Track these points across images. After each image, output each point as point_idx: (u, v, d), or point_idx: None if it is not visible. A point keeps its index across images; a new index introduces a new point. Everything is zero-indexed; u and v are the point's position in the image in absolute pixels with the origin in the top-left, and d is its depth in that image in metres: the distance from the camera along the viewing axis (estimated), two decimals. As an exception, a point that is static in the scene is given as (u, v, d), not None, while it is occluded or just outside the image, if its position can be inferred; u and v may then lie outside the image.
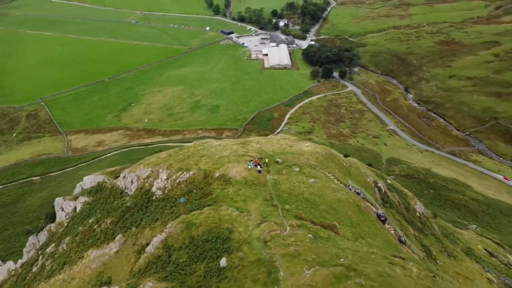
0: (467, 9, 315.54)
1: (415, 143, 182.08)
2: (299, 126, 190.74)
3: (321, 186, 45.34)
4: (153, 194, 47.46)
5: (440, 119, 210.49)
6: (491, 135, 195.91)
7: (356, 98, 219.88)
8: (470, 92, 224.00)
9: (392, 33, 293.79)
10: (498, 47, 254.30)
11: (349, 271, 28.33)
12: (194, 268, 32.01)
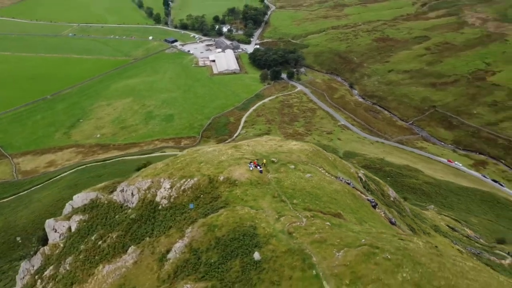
0: (397, 7, 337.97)
1: (366, 136, 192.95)
2: (256, 128, 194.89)
3: (318, 180, 49.13)
4: (158, 204, 48.54)
5: (385, 111, 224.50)
6: (431, 122, 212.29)
7: (306, 98, 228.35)
8: (409, 84, 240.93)
9: (331, 33, 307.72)
10: (428, 41, 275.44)
11: (373, 248, 32.09)
12: (230, 265, 34.20)
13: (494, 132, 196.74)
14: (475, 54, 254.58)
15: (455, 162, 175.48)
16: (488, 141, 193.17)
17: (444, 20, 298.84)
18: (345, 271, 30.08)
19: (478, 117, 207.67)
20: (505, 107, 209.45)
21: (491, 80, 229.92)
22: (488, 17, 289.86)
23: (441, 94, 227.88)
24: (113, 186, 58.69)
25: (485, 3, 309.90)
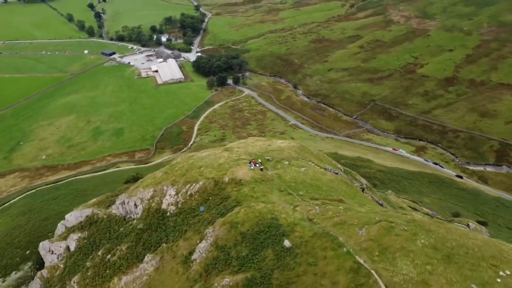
0: (328, 9, 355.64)
1: (317, 133, 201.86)
2: (211, 135, 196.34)
3: (313, 173, 53.10)
4: (165, 211, 49.60)
5: (329, 108, 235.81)
6: (373, 115, 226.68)
7: (254, 101, 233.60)
8: (348, 81, 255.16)
9: (270, 37, 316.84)
10: (361, 40, 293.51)
11: (389, 223, 36.49)
12: (263, 255, 36.81)
13: (429, 120, 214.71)
14: (404, 49, 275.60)
15: (399, 150, 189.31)
16: (424, 128, 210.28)
17: (372, 20, 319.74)
18: (372, 244, 34.09)
19: (414, 106, 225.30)
20: (436, 96, 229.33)
21: (421, 72, 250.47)
22: (410, 15, 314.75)
23: (379, 88, 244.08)
24: (109, 201, 58.41)
25: (406, 2, 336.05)
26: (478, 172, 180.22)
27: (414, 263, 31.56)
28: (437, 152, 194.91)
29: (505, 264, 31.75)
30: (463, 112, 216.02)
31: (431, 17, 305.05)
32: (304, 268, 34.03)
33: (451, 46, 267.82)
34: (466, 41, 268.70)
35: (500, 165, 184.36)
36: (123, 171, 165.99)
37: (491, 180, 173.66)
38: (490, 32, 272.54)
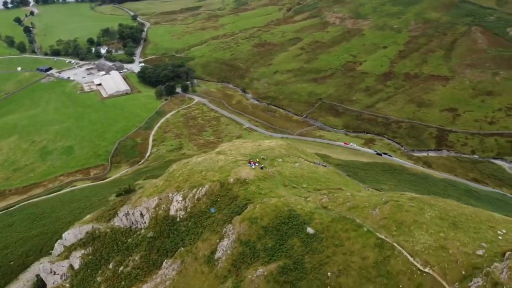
0: (266, 14, 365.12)
1: (271, 134, 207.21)
2: (167, 145, 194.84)
3: (307, 167, 56.95)
4: (174, 217, 50.70)
5: (280, 109, 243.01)
6: (321, 113, 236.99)
7: (206, 108, 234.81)
8: (294, 82, 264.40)
9: (213, 43, 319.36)
10: (301, 42, 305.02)
11: (396, 202, 41.08)
12: (290, 243, 39.73)
13: (373, 113, 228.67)
14: (342, 49, 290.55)
15: (350, 143, 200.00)
16: (370, 121, 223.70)
17: (310, 22, 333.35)
18: (388, 222, 38.39)
19: (358, 102, 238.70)
20: (376, 91, 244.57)
21: (360, 69, 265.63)
22: (345, 16, 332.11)
23: (323, 87, 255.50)
24: (108, 215, 58.05)
25: (339, 4, 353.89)
26: (423, 158, 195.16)
27: (428, 232, 36.25)
28: (384, 142, 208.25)
29: (499, 224, 37.45)
30: (403, 104, 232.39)
31: (364, 17, 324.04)
32: (332, 249, 37.50)
33: (384, 43, 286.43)
34: (397, 38, 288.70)
35: (440, 149, 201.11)
36: (81, 189, 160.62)
37: (434, 164, 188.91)
38: (417, 28, 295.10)
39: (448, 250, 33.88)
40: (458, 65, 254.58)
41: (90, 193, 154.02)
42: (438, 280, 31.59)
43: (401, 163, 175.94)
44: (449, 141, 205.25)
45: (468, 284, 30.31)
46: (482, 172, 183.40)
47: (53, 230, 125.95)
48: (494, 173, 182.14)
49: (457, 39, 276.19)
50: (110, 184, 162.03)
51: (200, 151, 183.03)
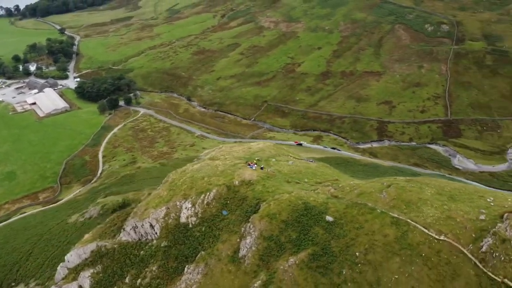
0: (201, 21, 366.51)
1: (224, 139, 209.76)
2: (119, 160, 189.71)
3: (299, 164, 61.06)
4: (186, 224, 51.97)
5: (228, 115, 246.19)
6: (268, 115, 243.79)
7: (154, 119, 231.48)
8: (238, 87, 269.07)
9: (151, 53, 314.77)
10: (240, 47, 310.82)
11: (399, 184, 46.41)
12: (313, 232, 43.26)
13: (317, 111, 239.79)
14: (280, 51, 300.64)
15: (300, 142, 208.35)
16: (315, 119, 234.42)
17: (246, 27, 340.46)
18: (396, 202, 43.49)
19: (301, 102, 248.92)
20: (317, 89, 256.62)
21: (299, 70, 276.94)
22: (278, 20, 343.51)
23: (267, 90, 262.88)
24: (111, 231, 57.60)
25: (271, 9, 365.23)
26: (368, 149, 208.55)
27: (433, 207, 41.81)
28: (331, 138, 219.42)
29: (485, 194, 44.15)
30: (343, 100, 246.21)
31: (296, 20, 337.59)
32: (354, 232, 41.73)
33: (319, 44, 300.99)
34: (330, 39, 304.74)
35: (382, 140, 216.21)
36: (33, 215, 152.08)
37: (379, 154, 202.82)
38: (347, 29, 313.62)
39: (455, 219, 39.57)
40: (387, 61, 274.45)
41: (44, 218, 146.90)
42: (454, 245, 37.02)
43: (350, 156, 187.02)
44: (389, 132, 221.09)
45: (481, 244, 35.99)
46: (421, 157, 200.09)
47: (12, 261, 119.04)
48: (432, 157, 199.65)
49: (384, 37, 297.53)
50: (65, 206, 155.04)
51: (155, 162, 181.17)
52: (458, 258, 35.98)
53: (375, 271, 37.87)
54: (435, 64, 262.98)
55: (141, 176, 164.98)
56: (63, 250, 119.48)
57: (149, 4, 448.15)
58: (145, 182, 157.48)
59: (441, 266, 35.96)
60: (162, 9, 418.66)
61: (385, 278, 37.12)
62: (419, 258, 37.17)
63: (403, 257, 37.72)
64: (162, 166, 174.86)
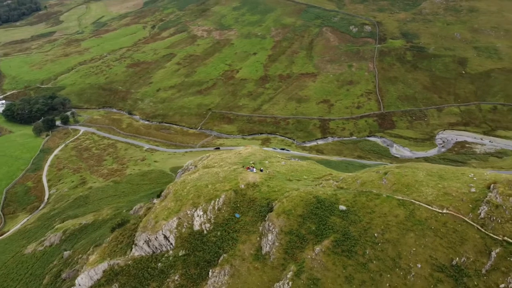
0: (131, 33, 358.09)
1: (175, 151, 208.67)
2: (67, 182, 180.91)
3: (292, 163, 65.35)
4: (200, 231, 53.60)
5: (173, 125, 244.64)
6: (214, 122, 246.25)
7: (97, 136, 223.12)
8: (180, 97, 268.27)
9: (82, 69, 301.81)
10: (176, 57, 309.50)
11: (394, 171, 52.54)
12: (331, 222, 47.56)
13: (262, 115, 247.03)
14: (217, 59, 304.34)
15: (251, 146, 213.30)
16: (261, 123, 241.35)
17: (179, 37, 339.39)
18: (398, 186, 49.47)
19: (245, 107, 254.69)
20: (258, 94, 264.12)
21: (239, 76, 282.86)
22: (210, 28, 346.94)
23: (210, 98, 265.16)
24: (119, 249, 57.24)
25: (202, 17, 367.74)
26: (314, 147, 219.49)
27: (430, 186, 48.35)
28: (278, 139, 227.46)
29: (465, 172, 51.81)
30: (284, 103, 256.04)
31: (228, 28, 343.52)
32: (368, 216, 46.83)
33: (254, 50, 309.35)
34: (264, 44, 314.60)
35: (325, 137, 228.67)
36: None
37: (325, 150, 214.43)
38: (278, 34, 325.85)
39: (451, 194, 46.31)
40: (320, 62, 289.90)
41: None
42: (457, 215, 43.54)
43: (301, 155, 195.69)
44: (331, 129, 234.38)
45: (478, 212, 42.83)
46: (363, 149, 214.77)
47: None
48: (372, 148, 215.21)
49: (314, 40, 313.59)
50: (16, 237, 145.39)
51: (107, 181, 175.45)
52: (463, 226, 42.51)
53: (395, 247, 43.23)
54: (363, 63, 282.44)
55: (96, 196, 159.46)
56: (26, 283, 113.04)
57: (72, 18, 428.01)
58: (102, 201, 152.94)
59: (449, 235, 42.24)
60: (87, 22, 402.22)
61: (405, 251, 42.61)
62: (429, 230, 43.18)
63: (416, 232, 43.51)
64: (116, 184, 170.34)
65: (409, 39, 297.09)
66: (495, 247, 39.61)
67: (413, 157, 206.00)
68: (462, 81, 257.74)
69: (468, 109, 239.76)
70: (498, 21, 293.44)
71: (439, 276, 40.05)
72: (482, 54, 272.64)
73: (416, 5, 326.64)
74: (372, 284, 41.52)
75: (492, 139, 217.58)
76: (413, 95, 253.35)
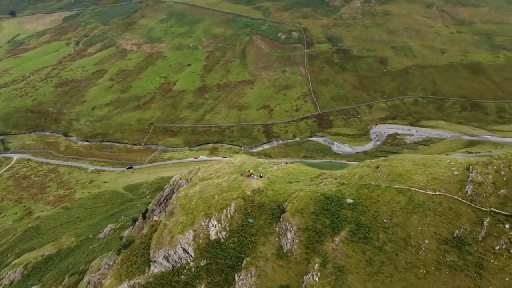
0: (54, 51, 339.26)
1: (123, 169, 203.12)
2: (10, 214, 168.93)
3: (284, 167, 70.17)
4: (217, 239, 56.06)
5: (115, 143, 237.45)
6: (158, 136, 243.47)
7: (34, 162, 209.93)
8: (118, 113, 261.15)
9: (4, 92, 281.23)
10: (107, 73, 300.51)
11: (384, 163, 59.66)
12: (343, 214, 52.94)
13: (205, 125, 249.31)
14: (151, 73, 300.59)
15: (200, 156, 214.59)
16: (206, 133, 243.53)
17: (107, 52, 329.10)
18: (392, 177, 56.51)
19: (188, 118, 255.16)
20: (199, 105, 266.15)
21: (177, 88, 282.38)
22: (139, 42, 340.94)
23: (150, 112, 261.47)
24: (135, 268, 57.47)
25: (129, 31, 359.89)
26: (261, 152, 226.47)
27: (419, 174, 56.04)
28: (226, 148, 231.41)
29: (442, 158, 60.57)
30: (226, 111, 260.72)
31: (158, 40, 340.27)
32: (374, 206, 53.07)
33: (188, 61, 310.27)
34: (197, 55, 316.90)
35: (271, 141, 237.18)
36: None
37: (273, 154, 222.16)
38: (210, 44, 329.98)
39: (439, 178, 54.31)
40: (254, 69, 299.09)
41: None
42: (448, 196, 51.40)
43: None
44: (275, 132, 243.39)
45: (465, 190, 51.08)
46: (307, 149, 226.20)
47: None
48: (316, 147, 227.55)
49: (245, 48, 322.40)
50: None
51: (56, 208, 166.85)
52: (455, 204, 50.42)
53: (403, 229, 49.90)
54: (295, 67, 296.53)
55: (48, 225, 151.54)
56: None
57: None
58: (57, 230, 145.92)
59: (446, 212, 49.88)
60: (1, 41, 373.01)
61: (412, 231, 49.46)
62: (429, 211, 50.51)
63: (418, 214, 50.58)
64: (68, 210, 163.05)
65: (334, 42, 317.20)
66: (486, 217, 47.90)
67: (353, 152, 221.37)
68: (385, 79, 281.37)
69: (394, 104, 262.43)
70: (409, 22, 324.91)
71: (445, 248, 47.35)
72: (399, 53, 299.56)
73: (336, 11, 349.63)
74: (391, 263, 47.71)
75: (418, 129, 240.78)
76: (344, 95, 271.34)
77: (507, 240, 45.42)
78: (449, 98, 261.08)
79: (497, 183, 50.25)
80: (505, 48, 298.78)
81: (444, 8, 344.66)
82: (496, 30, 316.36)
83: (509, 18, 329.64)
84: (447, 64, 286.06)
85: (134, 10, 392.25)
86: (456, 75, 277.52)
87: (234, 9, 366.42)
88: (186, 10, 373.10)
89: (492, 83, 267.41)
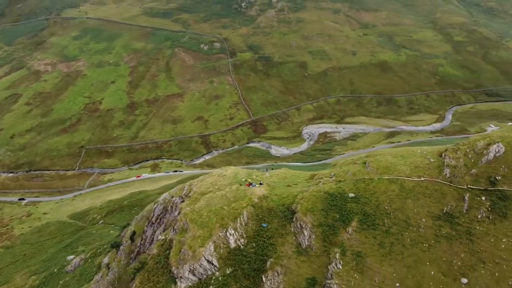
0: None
1: (61, 197, 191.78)
2: None
3: (274, 173, 75.77)
4: (237, 247, 59.56)
5: (45, 171, 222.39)
6: (93, 159, 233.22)
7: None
8: (43, 139, 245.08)
9: None
10: (22, 98, 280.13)
11: (369, 159, 68.37)
12: (349, 207, 60.10)
13: (141, 142, 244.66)
14: (72, 93, 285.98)
15: (143, 174, 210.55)
16: (143, 150, 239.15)
17: (17, 75, 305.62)
18: (381, 170, 65.13)
19: (121, 137, 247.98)
20: (131, 122, 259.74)
21: (104, 107, 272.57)
22: (53, 61, 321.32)
23: (79, 135, 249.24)
24: (160, 286, 58.51)
25: (39, 51, 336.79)
26: (204, 163, 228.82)
27: (402, 164, 65.47)
28: (167, 163, 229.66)
29: (414, 149, 71.10)
30: (160, 126, 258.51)
31: (75, 59, 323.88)
32: (374, 197, 61.06)
33: (111, 78, 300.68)
34: (120, 71, 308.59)
35: (210, 151, 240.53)
36: None
37: (215, 163, 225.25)
38: (132, 59, 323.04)
39: (420, 166, 64.22)
40: (182, 82, 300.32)
41: None
42: (431, 180, 61.34)
43: (198, 173, 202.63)
44: (213, 142, 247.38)
45: (444, 174, 61.42)
46: (248, 156, 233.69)
47: None
48: (256, 153, 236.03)
49: (169, 61, 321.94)
50: None
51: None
52: (439, 186, 60.47)
53: (402, 213, 58.57)
54: (222, 77, 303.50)
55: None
56: None
57: None
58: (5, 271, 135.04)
59: (433, 194, 59.64)
60: None
61: (410, 214, 58.33)
62: (419, 195, 59.91)
63: (411, 198, 59.69)
64: (10, 249, 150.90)
65: (255, 50, 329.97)
66: (465, 193, 58.50)
67: (291, 154, 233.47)
68: (308, 82, 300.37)
69: (319, 104, 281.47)
70: (321, 28, 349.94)
71: (439, 223, 56.88)
72: (316, 57, 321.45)
73: (253, 20, 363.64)
74: (399, 243, 55.99)
75: (344, 126, 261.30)
76: (273, 100, 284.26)
77: (485, 209, 56.25)
78: (366, 95, 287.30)
79: (468, 165, 61.41)
80: (405, 46, 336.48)
81: (349, 13, 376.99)
82: (396, 31, 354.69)
83: (404, 20, 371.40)
84: (359, 64, 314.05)
85: (41, 28, 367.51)
86: (368, 74, 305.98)
87: (152, 22, 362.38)
88: (101, 26, 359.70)
89: (399, 79, 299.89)
